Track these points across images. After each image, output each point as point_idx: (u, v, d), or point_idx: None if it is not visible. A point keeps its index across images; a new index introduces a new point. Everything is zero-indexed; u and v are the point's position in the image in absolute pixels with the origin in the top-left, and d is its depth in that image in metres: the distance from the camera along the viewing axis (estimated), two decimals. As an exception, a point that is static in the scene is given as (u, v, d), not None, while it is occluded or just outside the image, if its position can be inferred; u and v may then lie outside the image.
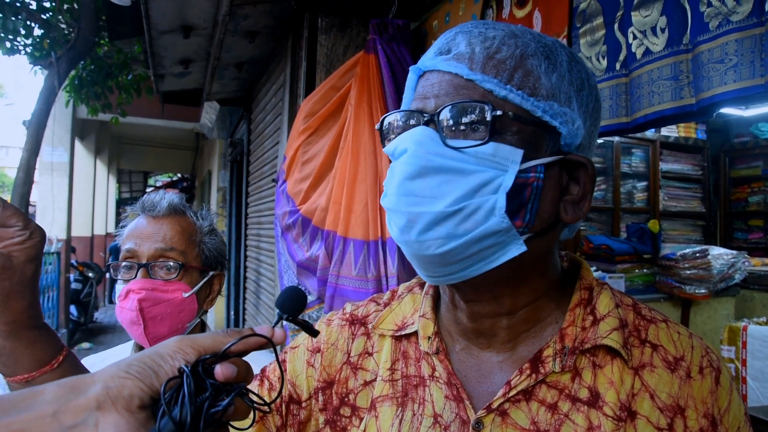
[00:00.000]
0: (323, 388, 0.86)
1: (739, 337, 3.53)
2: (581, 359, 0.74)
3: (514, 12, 1.98)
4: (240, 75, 5.04)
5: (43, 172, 9.49)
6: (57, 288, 7.14)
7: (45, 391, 0.51)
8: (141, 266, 1.38)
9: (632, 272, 4.23)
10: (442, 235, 0.68)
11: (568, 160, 0.73)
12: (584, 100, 0.74)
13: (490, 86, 0.69)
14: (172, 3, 3.47)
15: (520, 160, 0.68)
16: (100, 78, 7.95)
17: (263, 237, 4.84)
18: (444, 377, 0.77)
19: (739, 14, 1.12)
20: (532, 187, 0.69)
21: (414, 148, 0.69)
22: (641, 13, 1.39)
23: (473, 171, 0.68)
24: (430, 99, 0.72)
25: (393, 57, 2.36)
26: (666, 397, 0.71)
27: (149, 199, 1.48)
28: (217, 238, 1.53)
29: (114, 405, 0.51)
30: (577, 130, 0.72)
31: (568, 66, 0.73)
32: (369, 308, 0.92)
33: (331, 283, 2.25)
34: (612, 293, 0.79)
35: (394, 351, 0.84)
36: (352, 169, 2.26)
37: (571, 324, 0.75)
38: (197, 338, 0.60)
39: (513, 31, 0.73)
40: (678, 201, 5.36)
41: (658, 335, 0.76)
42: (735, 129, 5.73)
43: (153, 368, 0.55)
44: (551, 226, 0.73)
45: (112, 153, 14.51)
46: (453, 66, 0.71)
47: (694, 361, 0.74)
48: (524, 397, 0.72)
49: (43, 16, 7.21)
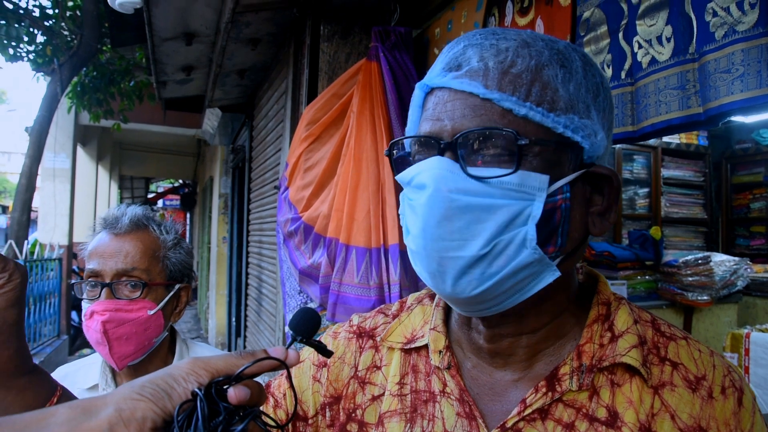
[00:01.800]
0: (330, 403, 0.83)
1: (741, 345, 3.52)
2: (599, 377, 0.71)
3: (517, 20, 1.98)
4: (242, 82, 5.04)
5: (45, 178, 9.50)
6: (58, 294, 7.13)
7: (57, 412, 0.51)
8: (104, 286, 1.37)
9: (634, 279, 4.22)
10: (476, 277, 0.66)
11: (592, 173, 0.70)
12: (601, 105, 0.71)
13: (509, 105, 0.65)
14: (175, 10, 3.48)
15: (547, 186, 0.65)
16: (103, 84, 7.97)
17: (265, 244, 4.83)
18: (456, 393, 0.75)
19: (745, 24, 1.11)
20: (560, 210, 0.67)
21: (434, 186, 0.65)
22: (646, 23, 1.39)
23: (501, 206, 0.64)
24: (446, 122, 0.67)
25: (395, 64, 2.37)
26: (687, 418, 0.68)
27: (111, 215, 1.46)
28: (183, 250, 1.52)
29: (127, 427, 0.50)
30: (599, 141, 0.69)
31: (584, 72, 0.70)
32: (377, 320, 0.89)
33: (333, 291, 2.24)
34: (630, 308, 0.77)
35: (403, 365, 0.81)
36: (355, 177, 2.25)
37: (588, 341, 0.73)
38: (210, 360, 0.59)
39: (525, 40, 0.69)
40: (680, 207, 5.35)
41: (678, 353, 0.73)
42: (736, 135, 5.72)
43: (166, 390, 0.54)
44: (582, 242, 0.71)
45: (114, 159, 14.51)
46: (466, 84, 0.66)
47: (716, 380, 0.71)
48: (540, 416, 0.70)
49: (46, 23, 7.24)
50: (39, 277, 6.40)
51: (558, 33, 1.76)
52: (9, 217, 8.40)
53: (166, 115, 8.26)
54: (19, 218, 6.70)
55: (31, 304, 6.22)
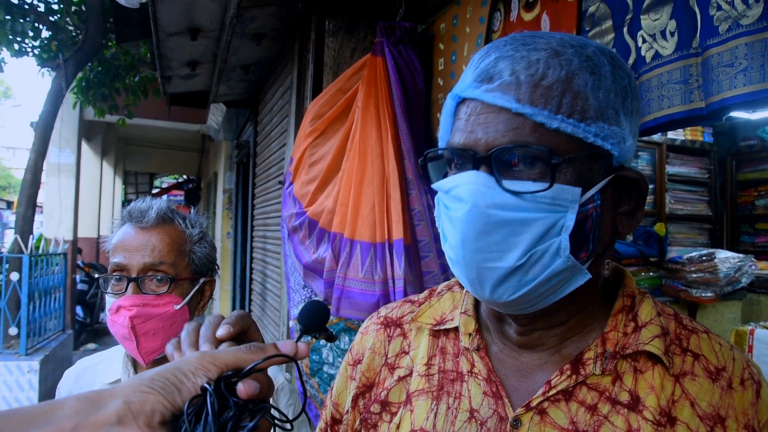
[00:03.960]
0: (363, 392, 0.87)
1: (745, 341, 3.52)
2: (622, 363, 0.74)
3: (522, 15, 1.98)
4: (247, 77, 5.05)
5: (50, 173, 9.53)
6: (63, 289, 7.15)
7: (64, 404, 0.50)
8: (131, 280, 1.36)
9: (638, 275, 4.21)
10: (513, 284, 0.69)
11: (620, 176, 0.72)
12: (629, 107, 0.73)
13: (542, 119, 0.66)
14: (180, 5, 3.49)
15: (579, 197, 0.68)
16: (107, 80, 7.99)
17: (269, 239, 4.84)
18: (483, 373, 0.78)
19: (749, 18, 1.11)
20: (592, 218, 0.70)
21: (472, 202, 0.67)
22: (650, 17, 1.39)
23: (536, 219, 0.67)
24: (480, 136, 0.69)
25: (400, 60, 2.37)
26: (706, 406, 0.71)
27: (137, 208, 1.43)
28: (207, 244, 1.50)
29: (135, 420, 0.50)
30: (628, 147, 0.71)
31: (612, 76, 0.71)
32: (404, 309, 0.93)
33: (337, 285, 2.25)
34: (654, 302, 0.80)
35: (431, 347, 0.85)
36: (359, 172, 2.26)
37: (613, 329, 0.76)
38: (219, 355, 0.59)
39: (555, 49, 0.70)
40: (684, 204, 5.34)
41: (699, 345, 0.76)
42: (742, 132, 5.70)
43: (175, 384, 0.54)
44: (611, 243, 0.74)
45: (119, 154, 14.56)
46: (499, 98, 0.68)
47: (736, 372, 0.74)
48: (564, 397, 0.73)
49: (51, 18, 7.25)
50: (44, 272, 6.41)
51: (563, 28, 1.76)
52: (14, 212, 8.44)
53: (171, 111, 8.27)
54: (24, 213, 6.73)
55: (36, 299, 6.24)
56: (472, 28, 2.24)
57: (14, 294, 6.04)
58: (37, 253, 6.29)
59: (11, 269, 6.06)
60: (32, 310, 6.13)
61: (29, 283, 5.95)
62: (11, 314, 6.09)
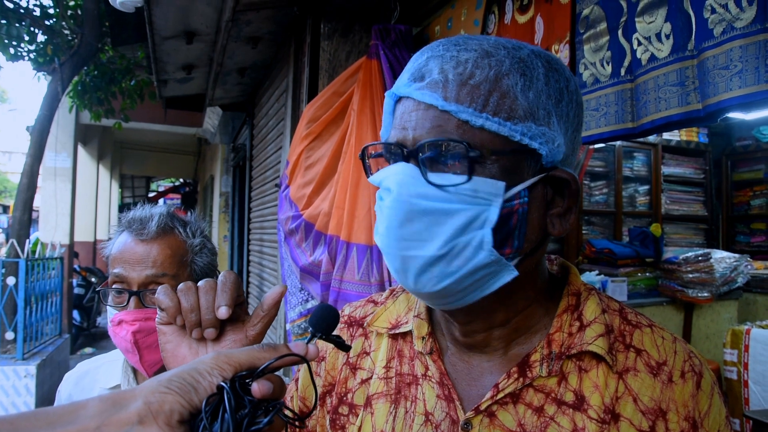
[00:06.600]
0: (329, 391, 0.90)
1: (741, 341, 3.53)
2: (567, 364, 0.76)
3: (516, 18, 1.98)
4: (242, 80, 5.05)
5: (46, 177, 9.50)
6: (60, 293, 7.13)
7: (88, 405, 0.52)
8: (132, 294, 1.34)
9: (635, 276, 4.22)
10: (436, 275, 0.71)
11: (552, 176, 0.73)
12: (564, 110, 0.74)
13: (466, 116, 0.68)
14: (176, 9, 3.49)
15: (503, 192, 0.69)
16: (104, 83, 7.98)
17: (266, 242, 4.84)
18: (436, 377, 0.80)
19: (743, 21, 1.12)
20: (517, 214, 0.70)
21: (398, 191, 0.70)
22: (645, 20, 1.40)
23: (458, 210, 0.68)
24: (409, 131, 0.72)
25: (395, 62, 2.37)
26: (648, 401, 0.73)
27: (137, 218, 1.40)
28: (208, 251, 1.48)
29: (155, 419, 0.52)
30: (557, 147, 0.72)
31: (545, 78, 0.72)
32: (366, 309, 0.95)
33: (334, 288, 2.25)
34: (599, 299, 0.81)
35: (390, 350, 0.87)
36: (355, 174, 2.26)
37: (558, 330, 0.78)
38: (233, 354, 0.61)
39: (486, 50, 0.71)
40: (680, 204, 5.36)
41: (642, 340, 0.78)
42: (737, 132, 5.73)
43: (192, 384, 0.56)
44: (540, 242, 0.75)
45: (115, 158, 14.54)
46: (427, 96, 0.70)
47: (677, 365, 0.76)
48: (512, 400, 0.75)
49: (47, 22, 7.24)
50: (41, 276, 6.39)
51: (558, 30, 1.76)
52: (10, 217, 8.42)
53: (167, 114, 8.28)
54: (21, 217, 6.71)
55: (33, 303, 6.22)
56: (466, 31, 2.25)
57: (11, 298, 6.02)
58: (34, 258, 6.27)
59: (7, 273, 6.04)
60: (29, 314, 6.11)
61: (26, 288, 5.94)
62: (8, 318, 6.07)
